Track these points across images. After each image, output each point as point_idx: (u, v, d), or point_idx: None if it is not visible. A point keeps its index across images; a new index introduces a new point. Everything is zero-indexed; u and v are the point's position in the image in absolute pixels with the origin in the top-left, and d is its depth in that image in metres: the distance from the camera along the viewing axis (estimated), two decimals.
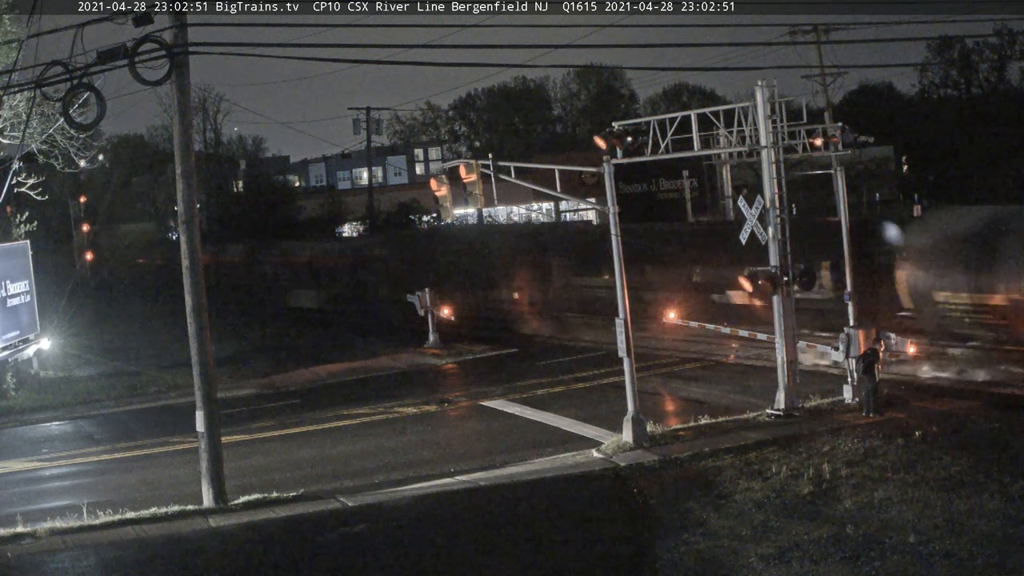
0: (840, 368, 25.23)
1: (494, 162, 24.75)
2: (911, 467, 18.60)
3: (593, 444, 22.27)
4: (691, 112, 24.29)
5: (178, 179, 19.76)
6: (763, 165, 23.65)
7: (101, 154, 68.26)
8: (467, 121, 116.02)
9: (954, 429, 21.01)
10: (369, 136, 71.20)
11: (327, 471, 21.83)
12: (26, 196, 34.57)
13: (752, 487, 18.28)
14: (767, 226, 23.31)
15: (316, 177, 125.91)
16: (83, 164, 38.33)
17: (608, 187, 22.58)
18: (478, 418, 26.27)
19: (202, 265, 19.79)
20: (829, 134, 24.40)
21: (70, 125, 21.60)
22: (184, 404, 26.00)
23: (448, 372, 33.66)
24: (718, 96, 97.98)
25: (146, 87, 18.68)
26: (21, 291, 32.96)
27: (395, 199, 79.63)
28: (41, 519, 18.60)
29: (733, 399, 25.54)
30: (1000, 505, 16.38)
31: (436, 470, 21.27)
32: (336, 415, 27.29)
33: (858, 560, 14.68)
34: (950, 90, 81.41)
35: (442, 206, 27.05)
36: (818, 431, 21.66)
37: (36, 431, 28.08)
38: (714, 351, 31.77)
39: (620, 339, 22.27)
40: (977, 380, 25.24)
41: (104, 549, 17.42)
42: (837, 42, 53.59)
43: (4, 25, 31.50)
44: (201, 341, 19.61)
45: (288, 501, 19.51)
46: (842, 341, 24.15)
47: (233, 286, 57.85)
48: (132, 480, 22.11)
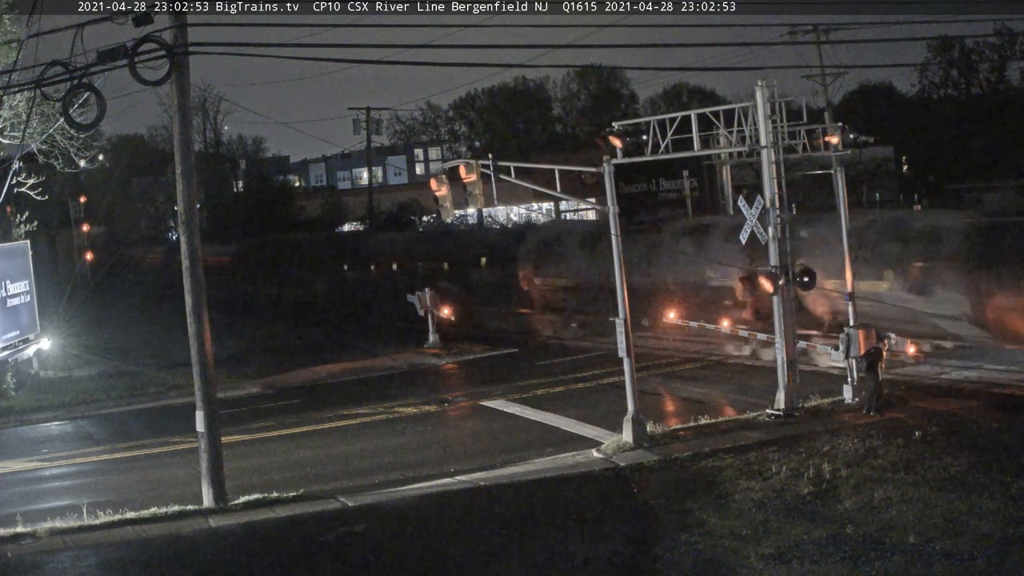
0: (840, 368, 25.25)
1: (494, 162, 24.73)
2: (911, 467, 18.60)
3: (593, 444, 22.27)
4: (691, 112, 24.29)
5: (178, 179, 19.76)
6: (763, 165, 23.65)
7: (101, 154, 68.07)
8: (467, 121, 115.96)
9: (954, 429, 21.02)
10: (369, 136, 71.22)
11: (327, 471, 21.82)
12: (26, 196, 34.55)
13: (752, 487, 18.28)
14: (767, 226, 23.33)
15: (316, 177, 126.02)
16: (83, 164, 38.27)
17: (608, 187, 22.58)
18: (478, 418, 26.27)
19: (202, 265, 19.79)
20: (829, 134, 24.40)
21: (70, 125, 21.58)
22: (184, 404, 26.00)
23: (448, 372, 33.66)
24: (718, 96, 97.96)
25: (146, 87, 18.67)
26: (21, 291, 32.96)
27: (395, 199, 79.73)
28: (41, 519, 18.59)
29: (733, 399, 25.55)
30: (1000, 505, 16.38)
31: (436, 470, 21.27)
32: (336, 415, 27.29)
33: (858, 560, 14.68)
34: (950, 90, 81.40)
35: (442, 206, 26.98)
36: (818, 431, 21.67)
37: (36, 431, 28.08)
38: (714, 351, 31.78)
39: (620, 339, 22.27)
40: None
41: (104, 549, 17.43)
42: (837, 42, 53.56)
43: (4, 25, 31.49)
44: (201, 341, 19.60)
45: (288, 501, 19.50)
46: (842, 341, 24.16)
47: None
48: (132, 480, 22.10)
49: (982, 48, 77.85)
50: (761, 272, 23.61)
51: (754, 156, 24.93)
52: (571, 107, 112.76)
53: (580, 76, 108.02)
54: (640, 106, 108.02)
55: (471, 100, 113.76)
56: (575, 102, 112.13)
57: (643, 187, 56.34)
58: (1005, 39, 75.03)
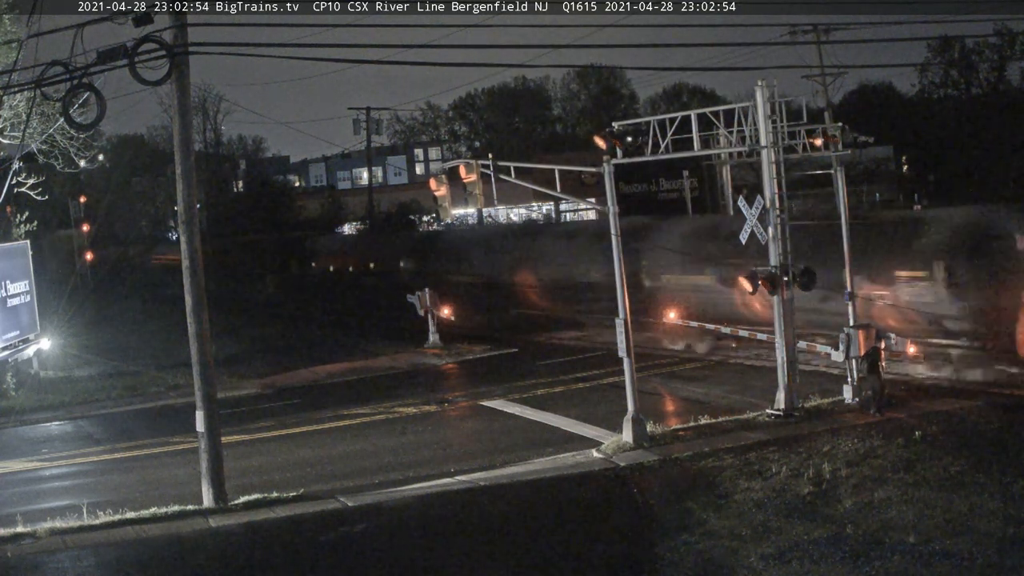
0: (840, 368, 25.24)
1: (494, 162, 24.74)
2: (911, 467, 18.60)
3: (593, 444, 22.27)
4: (691, 112, 24.27)
5: (178, 179, 19.75)
6: (763, 165, 23.64)
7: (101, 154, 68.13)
8: (467, 121, 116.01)
9: (954, 429, 21.02)
10: (369, 136, 71.30)
11: (327, 471, 21.82)
12: (26, 196, 34.56)
13: (752, 487, 18.28)
14: (767, 226, 23.33)
15: (316, 177, 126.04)
16: (83, 164, 38.31)
17: (608, 187, 22.57)
18: (478, 418, 26.27)
19: (202, 265, 19.78)
20: (829, 134, 24.37)
21: (70, 125, 21.58)
22: (184, 404, 26.01)
23: (448, 372, 33.66)
24: (718, 96, 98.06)
25: (146, 87, 18.68)
26: (21, 291, 32.95)
27: (395, 199, 79.70)
28: (41, 519, 18.58)
29: (733, 399, 25.54)
30: (1000, 505, 16.37)
31: (436, 470, 21.26)
32: (336, 415, 27.28)
33: (858, 560, 14.68)
34: (950, 90, 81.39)
35: (442, 206, 27.11)
36: (818, 431, 21.66)
37: (36, 431, 28.07)
38: (714, 351, 31.79)
39: (620, 339, 22.27)
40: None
41: (104, 549, 17.42)
42: (837, 42, 53.67)
43: (4, 25, 31.50)
44: (201, 341, 19.59)
45: (288, 501, 19.50)
46: (842, 341, 24.14)
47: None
48: (132, 480, 22.10)
49: (982, 48, 77.90)
50: (753, 272, 23.56)
51: (754, 156, 24.91)
52: (571, 107, 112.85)
53: (580, 76, 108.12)
54: (640, 106, 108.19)
55: (471, 100, 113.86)
56: (575, 102, 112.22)
57: (643, 187, 56.39)
58: (1005, 39, 75.08)
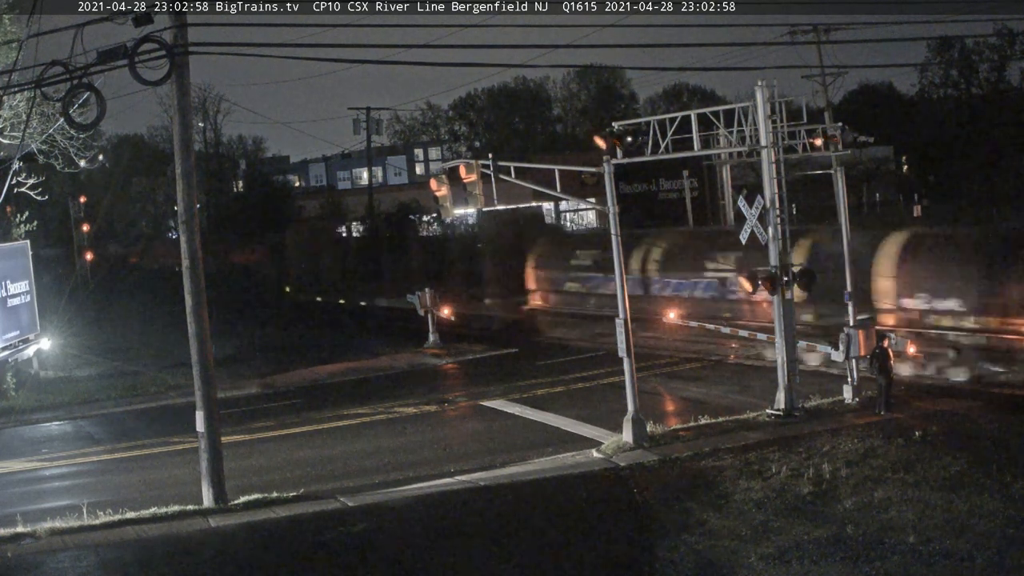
0: (840, 368, 25.24)
1: (494, 162, 24.72)
2: (911, 467, 18.59)
3: (593, 444, 22.27)
4: (691, 112, 24.27)
5: (178, 179, 19.75)
6: (763, 165, 23.64)
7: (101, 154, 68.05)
8: (467, 121, 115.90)
9: (954, 429, 21.01)
10: (369, 136, 71.27)
11: (327, 471, 21.83)
12: (26, 196, 34.53)
13: (752, 487, 18.28)
14: (767, 226, 23.32)
15: (316, 177, 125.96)
16: (83, 164, 38.22)
17: (608, 187, 22.57)
18: (478, 418, 26.26)
19: (202, 265, 19.78)
20: (829, 134, 24.37)
21: (70, 125, 21.58)
22: (184, 404, 26.01)
23: (448, 372, 33.67)
24: (718, 96, 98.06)
25: (146, 87, 18.68)
26: (21, 291, 32.96)
27: (395, 199, 79.61)
28: (41, 519, 18.58)
29: (733, 399, 25.54)
30: (1000, 505, 16.37)
31: (436, 470, 21.27)
32: (336, 415, 27.29)
33: (858, 560, 14.68)
34: (950, 90, 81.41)
35: (442, 206, 27.03)
36: (818, 431, 21.66)
37: (36, 431, 28.09)
38: (714, 351, 31.78)
39: (620, 339, 22.26)
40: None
41: (104, 549, 17.41)
42: (837, 42, 53.61)
43: (4, 25, 31.45)
44: (201, 341, 19.59)
45: (288, 501, 19.50)
46: (842, 341, 24.14)
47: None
48: (132, 480, 22.10)
49: (982, 48, 77.92)
50: (753, 272, 23.56)
51: (754, 156, 24.93)
52: (571, 107, 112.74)
53: (580, 76, 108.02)
54: (640, 106, 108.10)
55: (471, 100, 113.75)
56: (575, 102, 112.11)
57: (643, 187, 56.38)
58: (1005, 39, 75.11)
